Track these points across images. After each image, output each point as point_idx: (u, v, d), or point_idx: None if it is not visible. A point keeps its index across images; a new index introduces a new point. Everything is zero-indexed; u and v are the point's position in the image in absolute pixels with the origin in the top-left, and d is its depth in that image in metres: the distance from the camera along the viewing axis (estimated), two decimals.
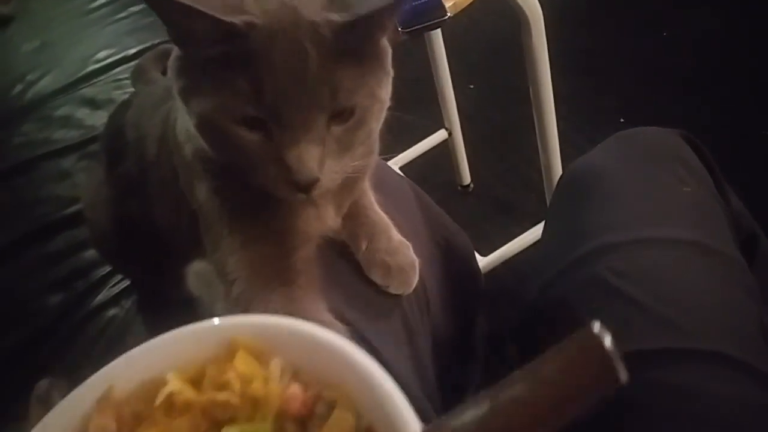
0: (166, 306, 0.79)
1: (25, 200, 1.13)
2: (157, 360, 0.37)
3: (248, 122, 0.48)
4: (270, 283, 0.57)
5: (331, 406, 0.35)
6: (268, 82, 0.46)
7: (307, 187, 0.49)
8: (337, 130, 0.50)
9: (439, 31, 1.29)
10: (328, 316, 0.58)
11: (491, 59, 1.85)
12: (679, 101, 1.63)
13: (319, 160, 0.48)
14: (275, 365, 0.36)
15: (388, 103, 0.54)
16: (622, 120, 1.61)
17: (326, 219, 0.63)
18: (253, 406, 0.35)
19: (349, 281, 0.66)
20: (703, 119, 1.54)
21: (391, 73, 0.54)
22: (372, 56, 0.51)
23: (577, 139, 1.40)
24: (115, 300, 0.96)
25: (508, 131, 1.66)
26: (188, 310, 0.69)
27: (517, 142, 1.56)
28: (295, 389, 0.35)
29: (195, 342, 0.37)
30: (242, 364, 0.36)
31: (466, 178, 1.59)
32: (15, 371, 0.92)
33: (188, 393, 0.35)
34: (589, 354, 0.26)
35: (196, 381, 0.36)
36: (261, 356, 0.37)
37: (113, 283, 0.98)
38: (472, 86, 1.79)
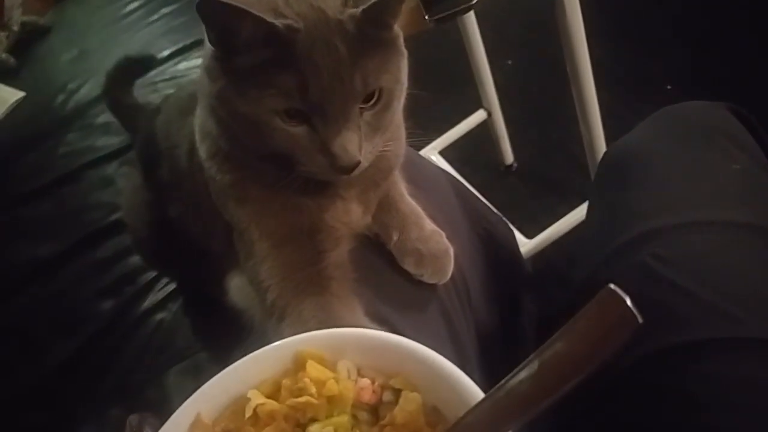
0: (212, 307, 0.80)
1: (73, 209, 1.17)
2: (235, 383, 0.42)
3: (292, 117, 0.52)
4: (302, 291, 0.57)
5: (397, 393, 0.41)
6: (311, 80, 0.50)
7: (350, 169, 0.53)
8: (367, 114, 0.54)
9: None
10: (364, 319, 0.57)
11: (529, 32, 1.79)
12: (730, 65, 1.54)
13: (358, 145, 0.53)
14: (342, 366, 0.42)
15: (406, 83, 0.57)
16: (669, 87, 1.54)
17: (353, 214, 0.62)
18: (330, 403, 0.40)
19: (384, 277, 0.65)
20: (757, 84, 1.45)
21: (405, 53, 0.57)
22: (389, 41, 0.55)
23: (622, 111, 1.33)
24: (162, 304, 0.98)
25: (550, 106, 1.60)
26: (233, 312, 0.70)
27: (560, 117, 1.50)
28: (365, 381, 0.41)
29: (265, 362, 0.43)
30: (313, 370, 0.41)
31: (509, 157, 1.55)
32: (72, 377, 0.95)
33: (271, 404, 0.41)
34: (612, 306, 0.32)
35: (274, 395, 0.42)
36: (326, 362, 0.42)
37: (160, 287, 1.00)
38: (510, 62, 1.74)
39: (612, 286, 0.32)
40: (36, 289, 1.07)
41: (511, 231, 1.01)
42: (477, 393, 0.37)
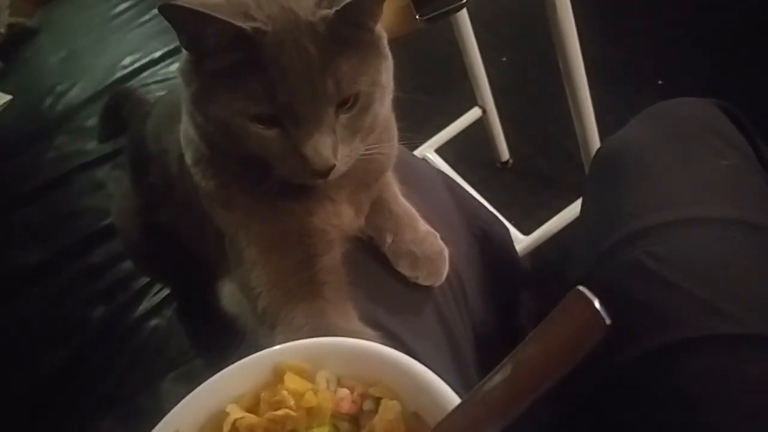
0: (206, 313, 0.79)
1: (64, 214, 1.15)
2: (214, 397, 0.42)
3: (264, 120, 0.51)
4: (293, 297, 0.56)
5: (378, 402, 0.40)
6: (279, 83, 0.49)
7: (324, 173, 0.52)
8: (344, 118, 0.52)
9: None
10: (358, 325, 0.57)
11: (523, 28, 1.78)
12: (721, 61, 1.54)
13: (332, 148, 0.51)
14: (321, 377, 0.42)
15: (390, 86, 0.56)
16: (660, 82, 1.53)
17: (344, 217, 0.61)
18: (309, 415, 0.40)
19: (378, 280, 0.64)
20: (747, 79, 1.45)
21: (390, 56, 0.56)
22: (367, 44, 0.53)
23: (615, 106, 1.33)
24: (156, 310, 0.97)
25: (545, 102, 1.59)
26: (227, 318, 0.69)
27: (555, 113, 1.49)
28: (344, 392, 0.41)
29: (244, 375, 0.43)
30: (291, 382, 0.41)
31: (505, 154, 1.55)
32: (65, 384, 0.94)
33: (250, 417, 0.41)
34: (581, 309, 0.32)
35: (253, 408, 0.42)
36: (306, 373, 0.42)
37: (153, 292, 0.99)
38: (504, 59, 1.73)
39: (580, 288, 0.32)
40: (27, 295, 1.05)
41: (507, 230, 1.01)
42: (453, 398, 0.37)
